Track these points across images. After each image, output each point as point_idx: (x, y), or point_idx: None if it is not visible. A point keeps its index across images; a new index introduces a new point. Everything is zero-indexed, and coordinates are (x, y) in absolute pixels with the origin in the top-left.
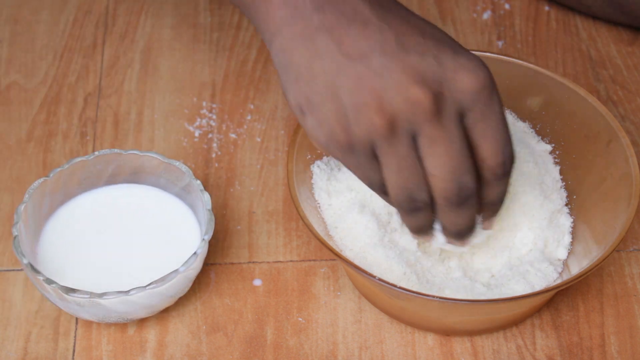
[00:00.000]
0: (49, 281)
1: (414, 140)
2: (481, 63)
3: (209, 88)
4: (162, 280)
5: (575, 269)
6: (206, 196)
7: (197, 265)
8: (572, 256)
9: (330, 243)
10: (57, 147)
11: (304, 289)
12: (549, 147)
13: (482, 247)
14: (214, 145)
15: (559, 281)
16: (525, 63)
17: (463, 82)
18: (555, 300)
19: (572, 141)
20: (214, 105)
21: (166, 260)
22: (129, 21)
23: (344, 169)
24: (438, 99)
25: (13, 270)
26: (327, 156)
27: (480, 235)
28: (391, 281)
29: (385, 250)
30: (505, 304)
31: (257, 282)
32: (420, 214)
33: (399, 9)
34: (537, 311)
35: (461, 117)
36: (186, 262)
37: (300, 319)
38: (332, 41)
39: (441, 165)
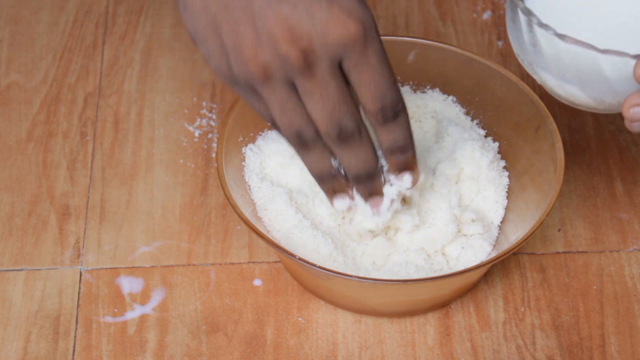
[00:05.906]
0: (529, 12)
1: (293, 85)
2: (357, 9)
3: (209, 88)
4: None
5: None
6: None
7: None
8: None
9: (258, 225)
10: (57, 147)
11: (304, 289)
12: (483, 132)
13: (415, 231)
14: (214, 145)
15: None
16: (460, 50)
17: (333, 35)
18: (555, 301)
19: (503, 127)
20: (214, 105)
21: None
22: (129, 21)
23: (276, 155)
24: (307, 55)
25: (13, 270)
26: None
27: (390, 208)
28: (317, 263)
29: (313, 232)
30: (420, 285)
31: (257, 282)
32: (313, 150)
33: None
34: (465, 294)
35: (339, 64)
36: None
37: (300, 319)
38: None
39: (319, 110)
